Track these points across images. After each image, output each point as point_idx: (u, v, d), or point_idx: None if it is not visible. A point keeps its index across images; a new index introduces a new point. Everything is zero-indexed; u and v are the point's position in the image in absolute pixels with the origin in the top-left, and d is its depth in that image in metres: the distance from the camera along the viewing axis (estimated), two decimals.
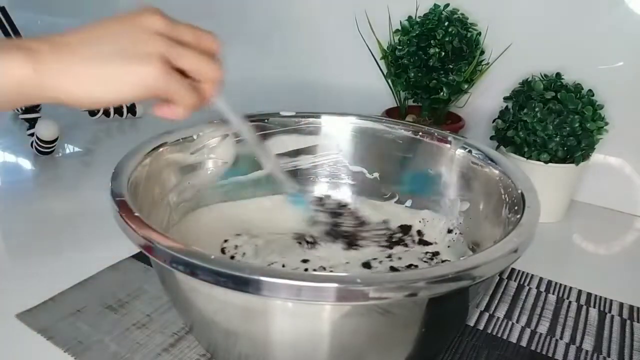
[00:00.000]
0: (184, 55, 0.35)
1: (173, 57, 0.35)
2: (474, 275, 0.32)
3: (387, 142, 0.58)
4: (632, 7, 0.64)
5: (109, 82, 0.34)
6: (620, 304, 0.52)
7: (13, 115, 0.97)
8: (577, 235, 0.66)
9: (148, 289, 0.51)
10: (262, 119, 0.57)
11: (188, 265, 0.31)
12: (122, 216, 0.36)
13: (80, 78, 0.34)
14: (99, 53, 0.34)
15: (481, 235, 0.48)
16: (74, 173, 0.79)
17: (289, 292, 0.30)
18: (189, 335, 0.45)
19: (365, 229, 0.54)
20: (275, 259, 0.48)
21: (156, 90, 0.35)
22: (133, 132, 0.95)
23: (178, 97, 0.36)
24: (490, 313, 0.49)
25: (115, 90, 0.34)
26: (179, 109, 0.37)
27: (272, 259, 0.48)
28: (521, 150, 0.64)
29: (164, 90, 0.35)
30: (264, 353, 0.36)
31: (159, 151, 0.49)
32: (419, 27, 0.69)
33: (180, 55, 0.35)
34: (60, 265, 0.54)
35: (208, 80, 0.37)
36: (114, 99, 0.35)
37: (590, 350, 0.45)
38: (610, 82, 0.66)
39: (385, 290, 0.30)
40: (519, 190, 0.43)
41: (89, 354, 0.43)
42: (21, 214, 0.65)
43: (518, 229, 0.37)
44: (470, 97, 0.75)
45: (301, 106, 0.60)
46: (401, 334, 0.36)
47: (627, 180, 0.70)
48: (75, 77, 0.34)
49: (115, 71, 0.34)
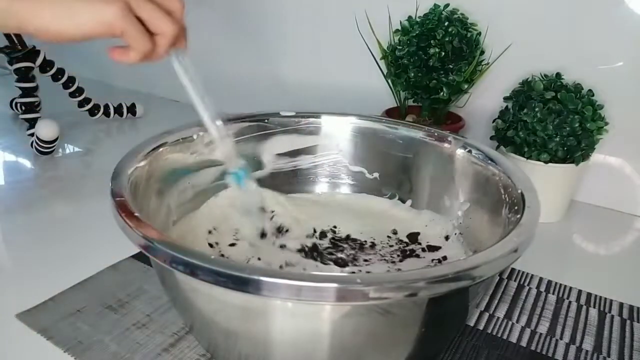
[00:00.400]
0: (143, 7, 0.39)
1: (134, 5, 0.38)
2: (474, 275, 0.32)
3: (387, 142, 0.58)
4: (632, 7, 0.64)
5: (73, 16, 0.37)
6: (620, 304, 0.52)
7: (13, 115, 0.97)
8: (577, 235, 0.66)
9: (148, 289, 0.51)
10: (262, 119, 0.57)
11: (188, 265, 0.31)
12: (122, 216, 0.36)
13: (46, 9, 0.37)
14: None
15: (481, 235, 0.48)
16: (74, 173, 0.79)
17: (289, 292, 0.30)
18: (189, 335, 0.45)
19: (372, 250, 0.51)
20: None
21: (113, 28, 0.38)
22: (133, 132, 0.95)
23: (132, 39, 0.38)
24: (490, 313, 0.49)
25: (77, 24, 0.37)
26: (132, 52, 0.39)
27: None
28: (521, 150, 0.64)
29: (119, 28, 0.38)
30: (264, 353, 0.36)
31: (159, 151, 0.49)
32: (419, 27, 0.69)
33: (141, 6, 0.39)
34: (60, 265, 0.54)
35: (163, 33, 0.40)
36: (75, 32, 0.38)
37: (590, 350, 0.45)
38: (610, 82, 0.66)
39: (385, 290, 0.30)
40: (519, 190, 0.43)
41: (89, 354, 0.43)
42: (21, 214, 0.65)
43: (518, 229, 0.37)
44: (470, 97, 0.75)
45: (301, 106, 0.60)
46: (401, 334, 0.36)
47: (627, 180, 0.70)
48: (42, 7, 0.37)
49: (79, 6, 0.37)
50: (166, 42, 0.40)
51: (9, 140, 0.89)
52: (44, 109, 0.86)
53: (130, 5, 0.38)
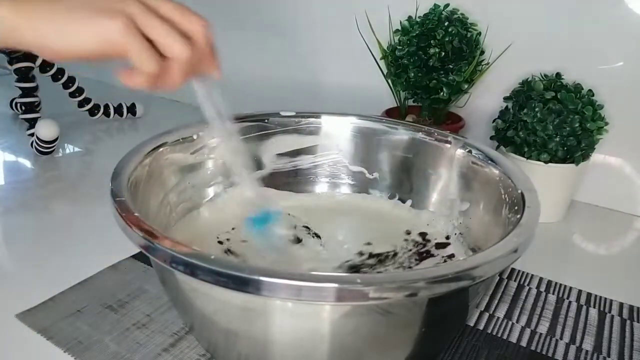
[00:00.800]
0: (153, 26, 0.35)
1: (141, 22, 0.34)
2: (473, 275, 0.32)
3: (387, 142, 0.58)
4: (632, 7, 0.64)
5: (73, 32, 0.34)
6: (620, 304, 0.52)
7: (13, 115, 0.97)
8: (577, 235, 0.66)
9: (148, 289, 0.51)
10: (262, 119, 0.57)
11: (188, 265, 0.31)
12: (122, 216, 0.36)
13: (45, 24, 0.34)
14: (69, 4, 0.35)
15: (481, 235, 0.48)
16: (74, 173, 0.79)
17: (289, 292, 0.30)
18: (189, 335, 0.45)
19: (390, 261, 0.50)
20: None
21: (115, 45, 0.34)
22: (133, 132, 0.95)
23: (136, 58, 0.34)
24: (490, 313, 0.49)
25: (78, 41, 0.34)
26: (139, 76, 0.35)
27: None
28: (521, 150, 0.64)
29: (123, 45, 0.34)
30: (264, 353, 0.36)
31: (159, 151, 0.49)
32: (419, 27, 0.69)
33: (149, 23, 0.35)
34: (60, 265, 0.54)
35: (175, 57, 0.35)
36: (77, 49, 0.35)
37: (590, 350, 0.45)
38: (610, 82, 0.66)
39: (385, 290, 0.30)
40: (519, 190, 0.43)
41: (89, 354, 0.43)
42: (21, 214, 0.65)
43: (518, 229, 0.37)
44: (470, 97, 0.75)
45: (301, 106, 0.60)
46: (401, 334, 0.36)
47: (627, 180, 0.70)
48: (40, 21, 0.34)
49: (80, 21, 0.34)
50: (179, 68, 0.35)
51: (9, 140, 0.89)
52: (44, 109, 0.86)
53: (136, 22, 0.34)
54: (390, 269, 0.48)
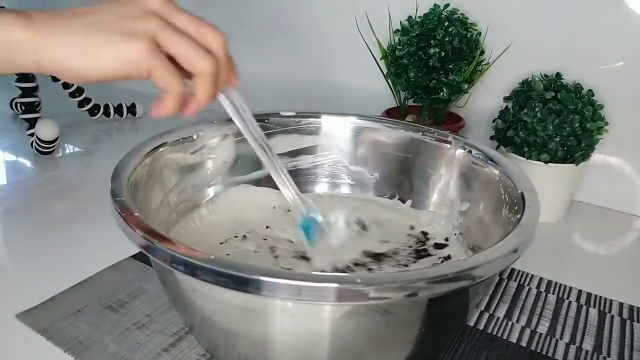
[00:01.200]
0: (175, 41, 0.34)
1: (162, 39, 0.34)
2: (473, 275, 0.32)
3: (387, 142, 0.58)
4: (632, 7, 0.64)
5: (94, 54, 0.33)
6: (620, 304, 0.52)
7: (13, 115, 0.97)
8: (577, 235, 0.66)
9: (148, 289, 0.51)
10: (262, 119, 0.57)
11: (188, 265, 0.31)
12: (122, 216, 0.36)
13: (65, 45, 0.33)
14: (87, 24, 0.34)
15: (481, 235, 0.48)
16: (74, 173, 0.79)
17: (289, 292, 0.30)
18: (189, 335, 0.45)
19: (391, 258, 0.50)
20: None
21: (139, 67, 0.33)
22: (133, 132, 0.95)
23: (161, 79, 0.34)
24: (490, 313, 0.49)
25: (100, 63, 0.33)
26: (168, 100, 0.35)
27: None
28: (521, 150, 0.64)
29: (146, 68, 0.33)
30: (264, 353, 0.36)
31: (159, 151, 0.49)
32: (419, 27, 0.69)
33: (171, 39, 0.34)
34: (60, 265, 0.54)
35: (199, 72, 0.35)
36: (98, 72, 0.34)
37: (590, 350, 0.45)
38: (610, 82, 0.66)
39: (385, 290, 0.30)
40: (519, 190, 0.43)
41: (89, 354, 0.43)
42: (21, 214, 0.65)
43: (518, 229, 0.37)
44: (470, 97, 0.75)
45: (301, 106, 0.60)
46: (401, 334, 0.36)
47: (627, 180, 0.70)
48: (60, 43, 0.33)
49: (101, 42, 0.33)
50: (206, 84, 0.35)
51: (9, 140, 0.89)
52: (44, 109, 0.86)
53: (158, 41, 0.34)
54: (386, 267, 0.48)
